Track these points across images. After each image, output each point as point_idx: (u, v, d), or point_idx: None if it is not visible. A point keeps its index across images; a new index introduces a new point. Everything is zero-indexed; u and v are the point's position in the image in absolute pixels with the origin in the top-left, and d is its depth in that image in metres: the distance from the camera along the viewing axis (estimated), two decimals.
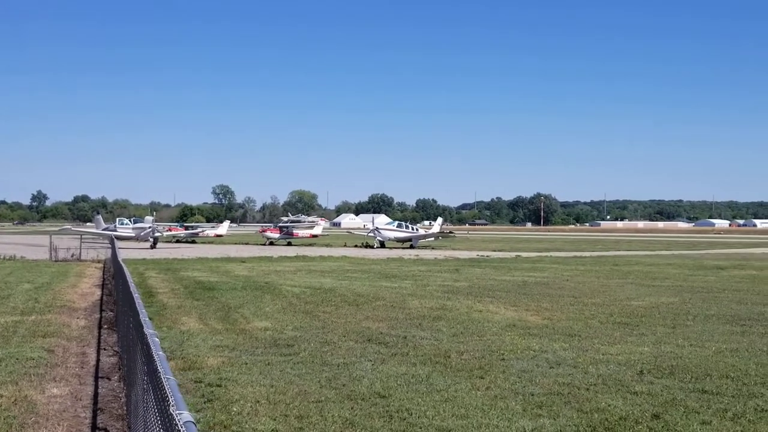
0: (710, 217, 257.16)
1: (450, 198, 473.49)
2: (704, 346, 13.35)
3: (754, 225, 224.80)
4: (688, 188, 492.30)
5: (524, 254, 48.69)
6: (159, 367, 4.29)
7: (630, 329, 15.45)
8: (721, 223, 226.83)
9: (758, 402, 9.31)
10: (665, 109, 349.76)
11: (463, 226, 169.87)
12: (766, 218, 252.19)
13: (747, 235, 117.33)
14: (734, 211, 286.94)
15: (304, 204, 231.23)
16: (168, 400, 3.57)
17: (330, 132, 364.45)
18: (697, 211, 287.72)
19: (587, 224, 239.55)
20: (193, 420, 3.20)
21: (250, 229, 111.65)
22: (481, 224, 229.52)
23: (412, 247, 59.25)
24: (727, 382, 10.41)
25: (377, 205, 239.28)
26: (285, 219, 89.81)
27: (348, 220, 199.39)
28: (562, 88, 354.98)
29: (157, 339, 5.41)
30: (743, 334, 14.81)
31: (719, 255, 50.32)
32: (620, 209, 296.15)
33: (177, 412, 3.31)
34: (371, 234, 62.53)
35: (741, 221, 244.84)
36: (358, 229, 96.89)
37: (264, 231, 69.99)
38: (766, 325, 16.14)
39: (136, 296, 8.38)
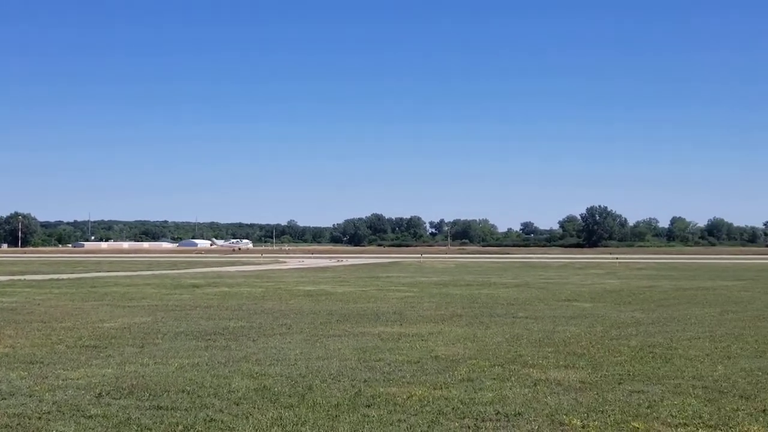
0: (194, 238, 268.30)
1: None
2: (168, 363, 13.65)
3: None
4: (172, 209, 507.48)
5: None
6: None
7: (98, 351, 15.09)
8: (204, 243, 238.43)
9: (208, 412, 9.77)
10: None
11: None
12: (243, 238, 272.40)
13: (223, 256, 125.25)
14: (215, 231, 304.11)
15: None
16: None
17: None
18: (182, 232, 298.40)
19: (70, 245, 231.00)
20: None
21: None
22: None
23: None
24: (183, 396, 10.75)
25: None
26: None
27: None
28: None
29: None
30: (207, 349, 15.53)
31: (197, 274, 52.61)
32: (106, 230, 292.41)
33: None
34: None
35: (222, 241, 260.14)
36: None
37: None
38: (228, 338, 17.20)
39: None
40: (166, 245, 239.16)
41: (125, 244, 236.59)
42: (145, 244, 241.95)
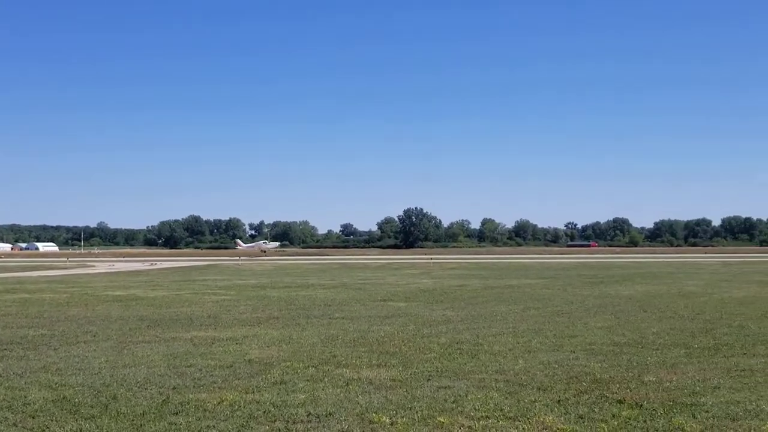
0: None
1: None
2: None
3: (37, 248, 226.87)
4: None
5: None
6: None
7: None
8: (4, 247, 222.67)
9: (0, 427, 9.11)
10: None
11: None
12: (48, 241, 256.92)
13: (28, 259, 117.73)
14: (16, 234, 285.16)
15: None
16: None
17: None
18: None
19: None
20: None
21: None
22: None
23: None
24: None
25: None
26: None
27: None
28: None
29: None
30: (1, 359, 14.50)
31: None
32: None
33: None
34: None
35: (24, 244, 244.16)
36: None
37: None
38: (26, 347, 16.12)
39: None
40: None
41: None
42: None
